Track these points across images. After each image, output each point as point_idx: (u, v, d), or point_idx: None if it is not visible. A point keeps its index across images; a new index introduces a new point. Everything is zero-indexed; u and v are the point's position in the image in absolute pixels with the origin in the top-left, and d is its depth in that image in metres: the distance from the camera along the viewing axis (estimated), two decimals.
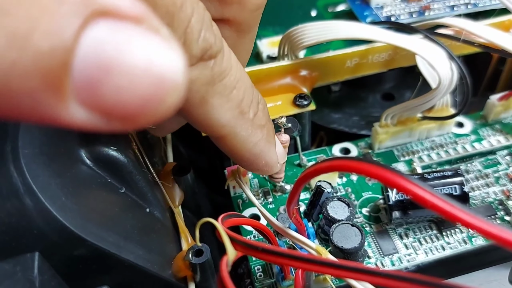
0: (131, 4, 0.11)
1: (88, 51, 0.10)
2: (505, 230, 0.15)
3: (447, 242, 0.29)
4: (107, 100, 0.11)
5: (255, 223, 0.24)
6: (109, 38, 0.11)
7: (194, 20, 0.18)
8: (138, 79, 0.11)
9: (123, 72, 0.11)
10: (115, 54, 0.11)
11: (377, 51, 0.33)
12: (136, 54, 0.11)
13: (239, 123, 0.22)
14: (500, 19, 0.35)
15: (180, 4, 0.17)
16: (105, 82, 0.11)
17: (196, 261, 0.23)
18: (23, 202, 0.19)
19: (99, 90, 0.11)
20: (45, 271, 0.20)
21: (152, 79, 0.11)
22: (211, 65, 0.19)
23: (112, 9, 0.11)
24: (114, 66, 0.11)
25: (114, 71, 0.11)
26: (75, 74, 0.10)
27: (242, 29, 0.24)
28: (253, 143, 0.23)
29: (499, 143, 0.34)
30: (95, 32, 0.10)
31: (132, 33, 0.11)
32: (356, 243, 0.26)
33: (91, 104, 0.11)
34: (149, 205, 0.26)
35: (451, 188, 0.28)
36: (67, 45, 0.10)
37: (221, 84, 0.20)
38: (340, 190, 0.32)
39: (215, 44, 0.19)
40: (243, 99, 0.22)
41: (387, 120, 0.33)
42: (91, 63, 0.10)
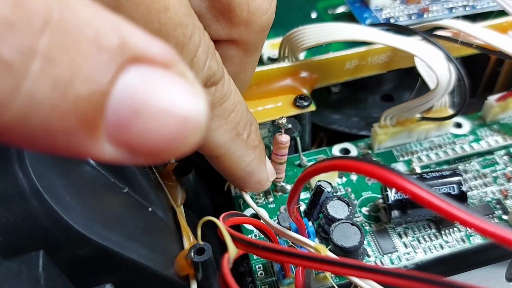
0: (161, 50, 0.12)
1: (121, 95, 0.11)
2: (500, 228, 0.15)
3: (445, 241, 0.29)
4: (135, 139, 0.12)
5: (256, 222, 0.25)
6: (140, 82, 0.11)
7: (201, 50, 0.19)
8: (165, 121, 0.12)
9: (152, 114, 0.11)
10: (145, 97, 0.11)
11: (376, 52, 0.34)
12: (163, 97, 0.12)
13: (235, 144, 0.24)
14: (497, 21, 0.35)
15: (189, 35, 0.18)
16: (135, 123, 0.11)
17: (198, 259, 0.24)
18: (28, 202, 0.19)
19: (129, 130, 0.11)
20: (50, 269, 0.20)
21: (177, 121, 0.12)
22: (213, 91, 0.21)
23: (144, 55, 0.12)
24: (143, 109, 0.11)
25: (144, 113, 0.11)
26: (108, 116, 0.11)
27: (249, 49, 0.25)
28: (246, 162, 0.25)
29: (497, 143, 0.34)
30: (128, 77, 0.11)
31: (161, 78, 0.12)
32: (355, 242, 0.26)
33: (121, 142, 0.12)
34: (152, 204, 0.26)
35: (449, 188, 0.28)
36: (103, 90, 0.11)
37: (221, 108, 0.22)
38: (340, 189, 0.33)
39: (218, 72, 0.21)
40: (240, 121, 0.23)
41: (386, 121, 0.34)
42: (123, 105, 0.11)
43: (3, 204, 0.19)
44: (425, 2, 0.41)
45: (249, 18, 0.23)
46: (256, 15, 0.23)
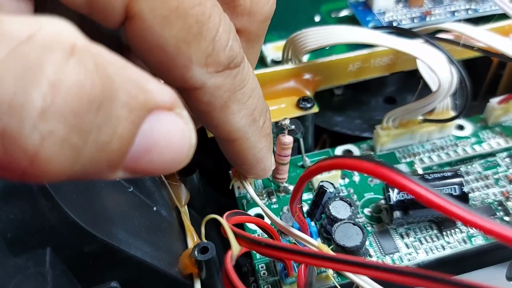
0: (168, 96, 0.15)
1: (139, 140, 0.14)
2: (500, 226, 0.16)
3: (447, 242, 0.29)
4: (141, 167, 0.15)
5: (259, 221, 0.25)
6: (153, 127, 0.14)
7: (222, 30, 0.19)
8: (168, 153, 0.15)
9: (157, 151, 0.15)
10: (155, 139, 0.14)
11: (379, 55, 0.34)
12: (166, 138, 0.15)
13: (251, 129, 0.24)
14: (500, 24, 0.35)
15: (208, 14, 0.19)
16: (144, 158, 0.15)
17: (201, 258, 0.24)
18: (36, 200, 0.20)
19: (139, 163, 0.15)
20: (56, 266, 0.21)
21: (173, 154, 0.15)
22: (235, 74, 0.21)
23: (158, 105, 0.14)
24: (152, 148, 0.15)
25: (151, 151, 0.15)
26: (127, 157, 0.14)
27: (251, 39, 0.25)
28: (258, 148, 0.25)
29: (499, 145, 0.34)
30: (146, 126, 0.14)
31: (166, 121, 0.15)
32: (357, 242, 0.26)
33: (130, 170, 0.15)
34: (156, 204, 0.26)
35: (451, 189, 0.28)
36: (130, 142, 0.14)
37: (241, 92, 0.22)
38: (343, 191, 0.33)
39: (240, 54, 0.21)
40: (256, 107, 0.23)
41: (388, 123, 0.34)
42: (139, 148, 0.14)
43: (11, 201, 0.20)
44: (428, 5, 0.41)
45: (252, 7, 0.23)
46: (259, 5, 0.23)
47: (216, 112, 0.22)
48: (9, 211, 0.20)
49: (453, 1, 0.41)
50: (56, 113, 0.12)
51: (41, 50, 0.12)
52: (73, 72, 0.12)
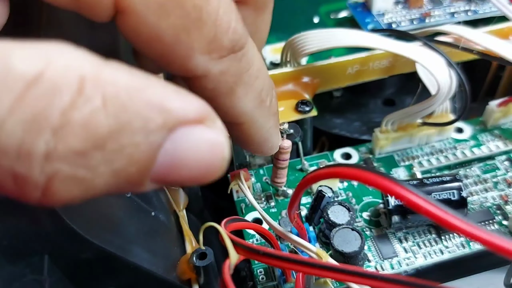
0: (196, 110, 0.14)
1: (161, 160, 0.14)
2: (496, 236, 0.16)
3: (445, 246, 0.29)
4: (171, 180, 0.15)
5: (257, 227, 0.25)
6: (178, 145, 0.14)
7: (222, 11, 0.18)
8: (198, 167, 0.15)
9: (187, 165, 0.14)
10: (181, 155, 0.14)
11: (377, 58, 0.34)
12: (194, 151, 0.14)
13: (259, 111, 0.23)
14: (499, 26, 0.35)
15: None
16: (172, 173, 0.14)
17: (200, 264, 0.24)
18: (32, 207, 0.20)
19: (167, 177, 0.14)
20: (53, 273, 0.21)
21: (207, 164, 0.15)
22: (240, 56, 0.20)
23: (183, 120, 0.14)
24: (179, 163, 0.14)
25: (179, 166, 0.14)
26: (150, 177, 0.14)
27: (259, 7, 0.24)
28: (266, 128, 0.24)
29: (498, 148, 0.34)
30: (168, 144, 0.14)
31: (194, 134, 0.14)
32: (356, 247, 0.26)
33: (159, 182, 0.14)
34: (154, 209, 0.26)
35: (450, 193, 0.28)
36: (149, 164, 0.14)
37: (247, 74, 0.21)
38: (341, 194, 0.33)
39: (243, 35, 0.19)
40: (263, 88, 0.22)
41: (387, 126, 0.34)
42: (163, 166, 0.14)
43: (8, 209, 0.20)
44: (427, 7, 0.41)
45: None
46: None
47: (222, 97, 0.21)
48: (5, 219, 0.20)
49: (452, 2, 0.41)
50: (59, 156, 0.12)
51: (48, 94, 0.12)
52: (78, 116, 0.12)
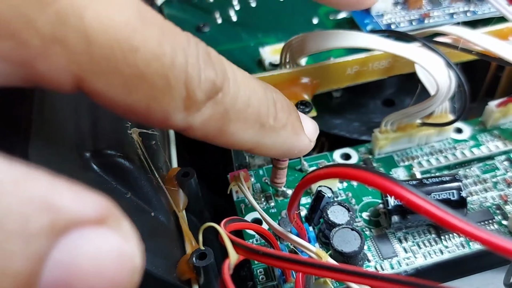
0: (96, 206, 0.11)
1: (50, 276, 0.10)
2: (495, 236, 0.16)
3: (445, 246, 0.29)
4: None
5: (256, 227, 0.25)
6: (71, 253, 0.11)
7: (190, 68, 0.17)
8: (100, 283, 0.11)
9: (85, 281, 0.11)
10: (80, 268, 0.11)
11: (377, 58, 0.34)
12: (94, 260, 0.11)
13: (262, 135, 0.22)
14: (498, 27, 0.35)
15: (170, 62, 0.16)
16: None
17: (199, 264, 0.24)
18: None
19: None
20: None
21: (113, 278, 0.11)
22: (221, 98, 0.19)
23: (77, 220, 0.11)
24: (75, 281, 0.11)
25: (76, 283, 0.11)
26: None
27: None
28: (280, 143, 0.23)
29: (498, 148, 0.34)
30: (58, 253, 0.10)
31: (95, 238, 0.11)
32: (355, 247, 0.26)
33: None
34: (154, 209, 0.26)
35: (449, 193, 0.28)
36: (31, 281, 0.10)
37: (234, 109, 0.20)
38: (341, 194, 0.33)
39: (218, 76, 0.18)
40: (260, 111, 0.21)
41: (387, 126, 0.34)
42: (51, 284, 0.10)
43: None
44: (426, 7, 0.41)
45: None
46: None
47: (216, 139, 0.20)
48: None
49: (452, 3, 0.41)
50: None
51: None
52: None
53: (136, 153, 0.27)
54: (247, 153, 0.35)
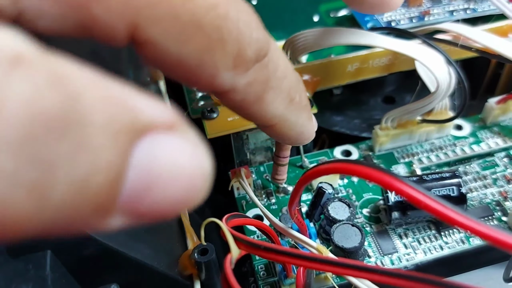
0: (165, 113, 0.12)
1: (134, 174, 0.11)
2: (495, 230, 0.16)
3: (445, 242, 0.29)
4: (145, 209, 0.11)
5: (258, 223, 0.25)
6: (149, 156, 0.11)
7: (242, 25, 0.17)
8: (173, 189, 0.11)
9: (162, 184, 0.11)
10: (156, 169, 0.11)
11: (377, 56, 0.34)
12: (170, 168, 0.11)
13: (289, 110, 0.22)
14: (498, 24, 0.35)
15: (224, 14, 0.17)
16: (146, 196, 0.11)
17: (201, 259, 0.24)
18: None
19: (140, 204, 0.11)
20: (56, 269, 0.21)
21: (184, 186, 0.12)
22: (266, 63, 0.19)
23: (151, 124, 0.11)
24: (154, 181, 0.11)
25: (154, 186, 0.11)
26: (121, 197, 0.11)
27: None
28: (299, 124, 0.23)
29: (497, 145, 0.35)
30: (139, 155, 0.11)
31: (168, 144, 0.12)
32: (356, 243, 0.26)
33: (130, 214, 0.11)
34: None
35: (449, 189, 0.28)
36: (119, 177, 0.11)
37: (274, 77, 0.20)
38: (341, 191, 0.33)
39: (265, 39, 0.19)
40: (291, 86, 0.21)
41: (387, 123, 0.34)
42: (135, 184, 0.11)
43: None
44: (426, 5, 0.41)
45: None
46: None
47: (252, 106, 0.20)
48: None
49: (451, 0, 0.41)
50: None
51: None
52: (16, 89, 0.09)
53: None
54: (248, 150, 0.35)
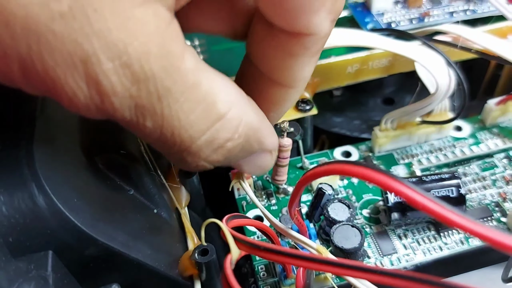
0: (272, 146, 0.23)
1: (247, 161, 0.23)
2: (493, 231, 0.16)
3: (444, 243, 0.29)
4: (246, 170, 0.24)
5: (258, 224, 0.25)
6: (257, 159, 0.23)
7: None
8: (259, 171, 0.24)
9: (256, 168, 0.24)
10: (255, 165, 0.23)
11: (377, 57, 0.34)
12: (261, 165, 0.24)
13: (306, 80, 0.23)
14: (497, 25, 0.36)
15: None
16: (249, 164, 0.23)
17: (201, 260, 0.24)
18: (37, 203, 0.20)
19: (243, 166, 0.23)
20: (58, 269, 0.21)
21: (263, 170, 0.24)
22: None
23: (265, 150, 0.23)
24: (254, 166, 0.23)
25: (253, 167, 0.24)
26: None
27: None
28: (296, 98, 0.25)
29: (497, 146, 0.35)
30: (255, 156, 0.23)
31: (265, 158, 0.23)
32: (355, 244, 0.27)
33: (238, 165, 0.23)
34: (157, 206, 0.27)
35: (448, 190, 0.29)
36: None
37: None
38: (341, 192, 0.33)
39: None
40: None
41: (387, 124, 0.34)
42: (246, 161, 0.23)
43: (13, 206, 0.20)
44: (426, 6, 0.41)
45: None
46: None
47: (303, 59, 0.21)
48: (10, 216, 0.20)
49: (451, 2, 0.41)
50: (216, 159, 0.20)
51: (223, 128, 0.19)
52: (230, 144, 0.20)
53: (139, 150, 0.27)
54: None
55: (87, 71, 0.15)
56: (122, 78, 0.15)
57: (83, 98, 0.15)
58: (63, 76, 0.14)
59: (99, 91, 0.15)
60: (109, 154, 0.25)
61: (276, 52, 0.21)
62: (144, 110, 0.16)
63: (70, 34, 0.14)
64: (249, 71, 0.23)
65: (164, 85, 0.16)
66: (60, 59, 0.14)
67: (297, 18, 0.19)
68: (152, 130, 0.17)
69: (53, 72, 0.14)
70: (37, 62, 0.14)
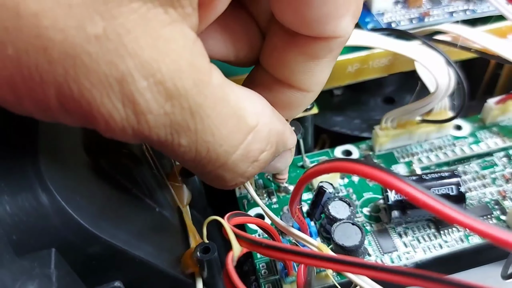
0: (292, 145, 0.24)
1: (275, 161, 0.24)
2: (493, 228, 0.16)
3: (444, 241, 0.30)
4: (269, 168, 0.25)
5: (259, 222, 0.25)
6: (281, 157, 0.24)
7: None
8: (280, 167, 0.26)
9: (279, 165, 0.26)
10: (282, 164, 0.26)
11: (377, 56, 0.34)
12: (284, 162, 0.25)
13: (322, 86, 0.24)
14: (497, 25, 0.36)
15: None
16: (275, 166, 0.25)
17: (203, 257, 0.24)
18: (40, 202, 0.20)
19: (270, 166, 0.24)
20: (61, 267, 0.21)
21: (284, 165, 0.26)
22: None
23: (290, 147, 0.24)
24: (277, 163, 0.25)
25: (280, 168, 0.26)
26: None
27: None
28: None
29: (496, 145, 0.35)
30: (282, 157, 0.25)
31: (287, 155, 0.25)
32: (356, 241, 0.27)
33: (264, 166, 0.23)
34: (159, 205, 0.27)
35: (448, 188, 0.29)
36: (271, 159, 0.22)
37: None
38: (342, 190, 0.33)
39: None
40: None
41: (387, 123, 0.35)
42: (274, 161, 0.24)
43: (16, 204, 0.20)
44: (426, 6, 0.41)
45: None
46: None
47: (325, 61, 0.22)
48: (14, 214, 0.20)
49: (451, 1, 0.41)
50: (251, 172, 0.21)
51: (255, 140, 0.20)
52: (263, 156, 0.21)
53: (141, 149, 0.27)
54: None
55: (122, 91, 0.15)
56: (156, 95, 0.15)
57: (119, 119, 0.15)
58: (99, 97, 0.15)
59: (134, 110, 0.15)
60: (111, 153, 0.25)
61: (297, 57, 0.21)
62: (178, 127, 0.17)
63: (105, 55, 0.14)
64: (261, 79, 0.23)
65: (196, 100, 0.16)
66: (96, 80, 0.14)
67: (325, 24, 0.19)
68: (187, 149, 0.18)
69: (89, 94, 0.14)
70: (73, 85, 0.14)
